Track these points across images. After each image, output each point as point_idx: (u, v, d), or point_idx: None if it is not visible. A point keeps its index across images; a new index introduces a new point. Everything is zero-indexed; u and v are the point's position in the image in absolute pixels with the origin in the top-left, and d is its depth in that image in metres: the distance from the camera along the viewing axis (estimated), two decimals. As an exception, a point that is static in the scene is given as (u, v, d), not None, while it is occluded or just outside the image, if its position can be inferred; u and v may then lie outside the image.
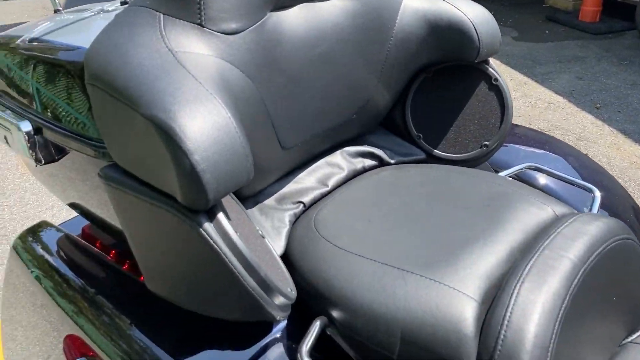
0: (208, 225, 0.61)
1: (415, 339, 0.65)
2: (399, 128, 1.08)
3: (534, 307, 0.63)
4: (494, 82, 1.02)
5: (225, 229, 0.62)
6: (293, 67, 0.82)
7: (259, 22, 0.77)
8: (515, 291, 0.65)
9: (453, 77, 1.04)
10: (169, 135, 0.57)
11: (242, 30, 0.75)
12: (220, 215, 0.63)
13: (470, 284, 0.68)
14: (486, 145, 1.03)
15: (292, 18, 0.82)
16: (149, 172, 0.63)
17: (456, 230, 0.77)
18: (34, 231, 1.08)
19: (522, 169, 1.09)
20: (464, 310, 0.65)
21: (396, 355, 0.66)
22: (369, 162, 1.01)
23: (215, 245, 0.61)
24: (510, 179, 0.93)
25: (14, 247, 1.07)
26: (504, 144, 1.29)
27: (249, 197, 0.88)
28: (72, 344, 0.92)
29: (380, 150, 1.02)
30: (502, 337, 0.62)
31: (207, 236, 0.61)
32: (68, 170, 0.90)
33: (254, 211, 0.87)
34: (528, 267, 0.68)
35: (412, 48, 0.99)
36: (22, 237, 1.08)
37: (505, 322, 0.63)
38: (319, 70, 0.87)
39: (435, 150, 1.06)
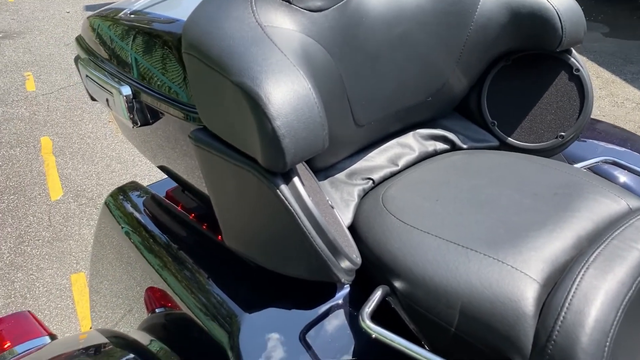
0: (284, 187, 0.66)
1: (473, 313, 0.67)
2: (473, 114, 1.08)
3: (597, 293, 0.63)
4: (575, 73, 1.00)
5: (299, 191, 0.67)
6: (372, 46, 0.85)
7: (343, 1, 0.81)
8: (579, 276, 0.65)
9: (532, 65, 1.03)
10: (255, 101, 0.62)
11: (327, 8, 0.79)
12: (296, 179, 0.67)
13: (533, 266, 0.69)
14: (562, 136, 1.02)
15: None
16: (235, 136, 0.69)
17: (523, 215, 0.77)
18: (125, 190, 1.18)
19: (598, 162, 1.07)
20: (525, 290, 0.66)
21: (454, 326, 0.69)
22: (440, 146, 1.03)
23: (289, 206, 0.66)
24: (584, 170, 0.92)
25: (106, 204, 1.17)
26: (583, 138, 1.26)
27: (321, 170, 0.93)
28: (153, 295, 1.00)
29: (453, 135, 1.03)
30: (561, 318, 0.63)
31: (282, 196, 0.66)
32: (160, 138, 0.98)
33: (325, 183, 0.91)
34: (595, 254, 0.68)
35: (492, 34, 0.99)
36: (114, 195, 1.18)
37: (567, 304, 0.63)
38: (396, 50, 0.89)
39: (509, 138, 1.06)
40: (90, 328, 1.62)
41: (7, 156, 3.14)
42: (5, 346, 1.01)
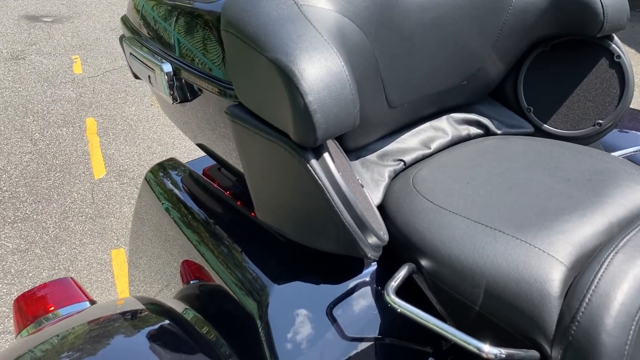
0: (314, 162, 0.68)
1: (499, 293, 0.68)
2: (508, 99, 1.08)
3: (625, 277, 0.63)
4: (616, 59, 0.98)
5: (329, 166, 0.69)
6: (407, 27, 0.86)
7: None
8: (607, 260, 0.65)
9: (572, 51, 1.01)
10: (289, 77, 0.64)
11: None
12: (326, 155, 0.69)
13: (560, 249, 0.69)
14: (599, 124, 1.01)
15: None
16: (268, 111, 0.71)
17: (554, 199, 0.77)
18: (164, 166, 1.22)
19: (636, 151, 1.05)
20: (551, 272, 0.66)
21: (479, 305, 0.70)
22: (474, 131, 1.02)
23: (318, 180, 0.68)
24: (620, 157, 0.91)
25: (147, 179, 1.22)
26: (622, 128, 1.23)
27: (352, 151, 0.94)
28: (188, 268, 1.04)
29: (488, 120, 1.03)
30: (587, 300, 0.63)
31: (312, 171, 0.68)
32: (198, 116, 1.01)
33: (356, 164, 0.93)
34: (625, 240, 0.68)
35: (531, 19, 0.98)
36: (154, 171, 1.22)
37: (593, 286, 0.63)
38: (431, 33, 0.89)
39: (545, 125, 1.05)
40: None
41: (54, 135, 3.27)
42: (50, 309, 1.07)
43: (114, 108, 3.61)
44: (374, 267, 0.85)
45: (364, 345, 0.81)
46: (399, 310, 0.70)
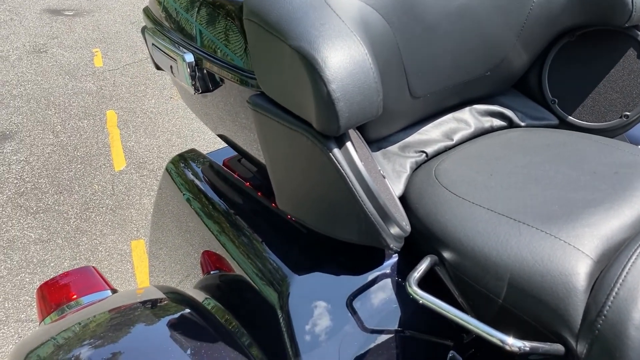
0: (337, 151, 0.67)
1: (523, 286, 0.67)
2: (532, 91, 1.06)
3: None
4: (645, 50, 0.96)
5: (352, 155, 0.68)
6: (430, 17, 0.85)
7: None
8: (636, 254, 0.64)
9: (598, 41, 0.99)
10: (312, 65, 0.64)
11: None
12: (349, 144, 0.69)
13: (587, 242, 0.67)
14: (627, 116, 0.99)
15: None
16: (291, 100, 0.71)
17: (579, 192, 0.76)
18: (185, 157, 1.23)
19: (664, 144, 1.03)
20: (577, 265, 0.65)
21: (502, 298, 0.69)
22: (497, 122, 1.01)
23: (341, 169, 0.68)
24: None
25: (167, 170, 1.22)
26: (650, 121, 1.20)
27: (374, 142, 0.94)
28: (209, 258, 1.05)
29: (511, 112, 1.02)
30: (614, 294, 0.62)
31: (334, 160, 0.67)
32: (219, 106, 1.01)
33: (378, 155, 0.92)
34: None
35: (557, 9, 0.96)
36: (175, 162, 1.23)
37: (620, 280, 0.62)
38: (455, 22, 0.88)
39: (570, 117, 1.03)
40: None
41: (75, 127, 3.31)
42: (72, 297, 1.08)
43: (134, 101, 3.64)
44: (395, 258, 0.85)
45: (383, 337, 0.80)
46: (420, 301, 0.69)
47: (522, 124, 1.02)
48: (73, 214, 2.55)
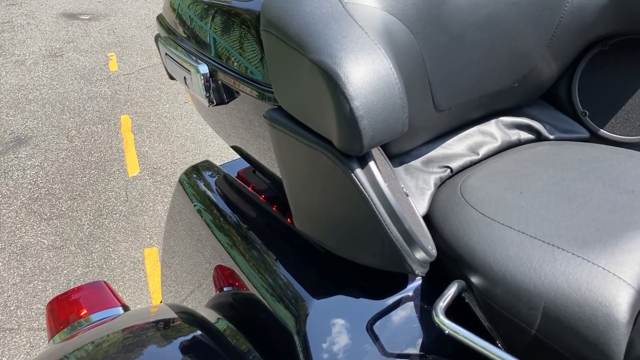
0: (359, 171, 0.63)
1: (558, 316, 0.62)
2: (562, 102, 1.01)
3: None
4: (683, 60, 0.91)
5: (375, 176, 0.64)
6: (457, 26, 0.81)
7: None
8: None
9: (632, 50, 0.94)
10: (334, 80, 0.60)
11: None
12: (372, 164, 0.64)
13: (628, 269, 0.63)
14: (663, 130, 0.93)
15: None
16: (310, 116, 0.66)
17: (617, 213, 0.71)
18: (198, 169, 1.20)
19: None
20: (618, 295, 0.60)
21: (535, 328, 0.64)
22: (525, 135, 0.96)
23: (364, 191, 0.63)
24: None
25: (180, 182, 1.19)
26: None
27: (396, 156, 0.89)
28: (222, 274, 1.01)
29: (539, 124, 0.97)
30: None
31: (357, 181, 0.63)
32: (234, 118, 0.98)
33: (400, 170, 0.88)
34: None
35: (589, 17, 0.91)
36: (188, 173, 1.19)
37: None
38: (483, 32, 0.84)
39: (602, 130, 0.98)
40: (161, 302, 1.67)
41: (90, 132, 3.30)
42: (82, 313, 1.05)
43: (149, 105, 3.63)
44: (418, 281, 0.80)
45: None
46: (447, 332, 0.65)
47: (551, 137, 0.97)
48: (86, 221, 2.54)
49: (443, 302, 0.67)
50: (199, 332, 0.87)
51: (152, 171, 2.91)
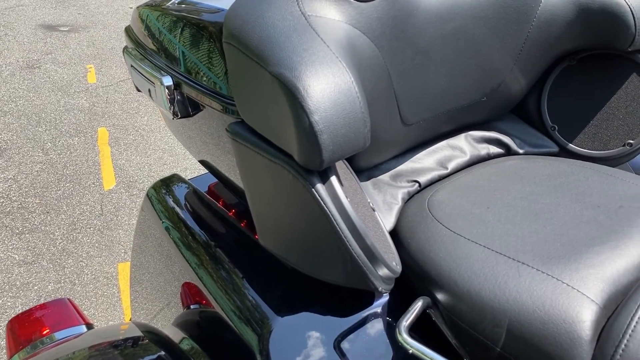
0: (320, 186, 0.62)
1: (522, 333, 0.61)
2: (531, 116, 1.01)
3: None
4: (649, 75, 0.91)
5: (337, 191, 0.62)
6: (423, 40, 0.80)
7: None
8: None
9: (600, 65, 0.95)
10: (293, 94, 0.58)
11: None
12: (333, 179, 0.63)
13: (592, 285, 0.62)
14: (630, 144, 0.94)
15: None
16: (271, 130, 0.65)
17: (582, 228, 0.70)
18: (167, 183, 1.17)
19: (671, 174, 0.97)
20: (582, 312, 0.60)
21: (500, 346, 0.63)
22: (494, 150, 0.96)
23: (325, 207, 0.62)
24: None
25: (148, 196, 1.17)
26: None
27: (364, 170, 0.88)
28: (189, 291, 0.99)
29: (509, 138, 0.97)
30: (623, 345, 0.56)
31: (318, 196, 0.62)
32: (200, 131, 0.96)
33: (368, 185, 0.87)
34: None
35: (556, 32, 0.92)
36: (156, 188, 1.17)
37: (630, 330, 0.57)
38: (449, 46, 0.84)
39: (571, 144, 0.98)
40: (130, 319, 1.63)
41: (66, 145, 3.25)
42: (44, 332, 1.02)
43: (126, 118, 3.59)
44: (386, 297, 0.79)
45: None
46: (410, 351, 0.63)
47: (521, 151, 0.97)
48: (59, 235, 2.49)
49: (406, 321, 0.65)
50: (162, 353, 0.84)
51: (128, 184, 2.86)
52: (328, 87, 0.60)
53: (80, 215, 2.63)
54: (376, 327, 0.77)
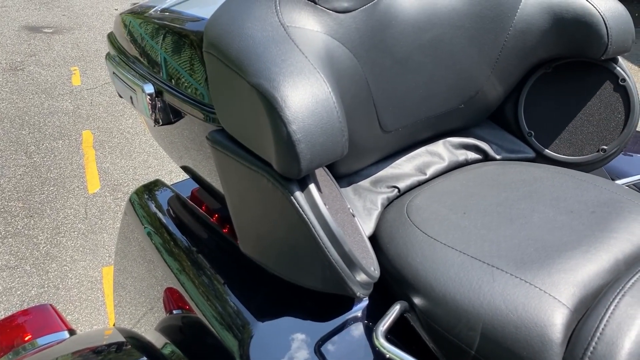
0: (299, 194, 0.63)
1: (496, 337, 0.63)
2: (508, 123, 1.03)
3: (632, 323, 0.58)
4: (621, 83, 0.94)
5: (315, 199, 0.64)
6: (401, 49, 0.82)
7: (372, 2, 0.77)
8: (614, 303, 0.61)
9: (574, 73, 0.97)
10: (271, 103, 0.60)
11: (354, 9, 0.76)
12: (312, 187, 0.65)
13: (563, 289, 0.64)
14: (604, 150, 0.96)
15: (405, 0, 0.82)
16: (250, 139, 0.66)
17: (556, 233, 0.72)
18: (150, 188, 1.18)
19: (643, 178, 1.00)
20: (553, 315, 0.62)
21: (474, 349, 0.65)
22: (472, 155, 0.98)
23: (303, 214, 0.63)
24: (627, 187, 0.86)
25: (131, 201, 1.17)
26: (628, 152, 1.19)
27: (344, 177, 0.90)
28: (172, 296, 0.99)
29: (486, 145, 0.99)
30: (591, 348, 0.58)
31: (296, 204, 0.63)
32: (182, 138, 0.97)
33: (348, 190, 0.88)
34: (632, 280, 0.63)
35: (532, 41, 0.94)
36: (139, 193, 1.17)
37: (598, 333, 0.59)
38: (427, 55, 0.85)
39: (547, 150, 1.01)
40: (114, 324, 1.63)
41: (49, 148, 3.23)
42: (27, 338, 1.02)
43: (111, 121, 3.58)
44: (366, 301, 0.80)
45: None
46: (387, 356, 0.65)
47: (498, 157, 0.99)
48: (43, 239, 2.47)
49: (383, 326, 0.67)
50: (144, 358, 0.85)
51: (112, 188, 2.85)
52: (306, 97, 0.61)
53: (64, 219, 2.61)
54: (356, 331, 0.78)
